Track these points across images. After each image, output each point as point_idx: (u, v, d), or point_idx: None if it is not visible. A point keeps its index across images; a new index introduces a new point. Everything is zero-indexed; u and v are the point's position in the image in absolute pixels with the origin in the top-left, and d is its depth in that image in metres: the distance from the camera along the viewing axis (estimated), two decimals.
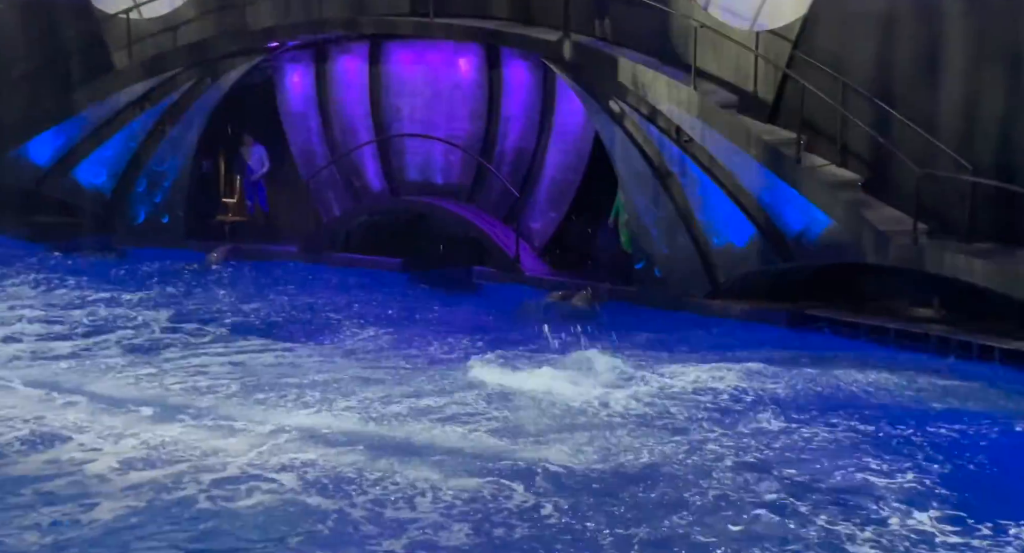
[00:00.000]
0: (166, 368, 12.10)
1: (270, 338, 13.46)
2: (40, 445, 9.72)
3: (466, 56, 17.16)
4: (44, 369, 11.98)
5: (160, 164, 18.69)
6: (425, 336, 13.77)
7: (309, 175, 18.34)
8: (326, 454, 9.62)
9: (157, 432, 10.04)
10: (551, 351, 13.04)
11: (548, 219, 16.99)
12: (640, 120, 15.19)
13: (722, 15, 15.06)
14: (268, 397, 11.15)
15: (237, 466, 9.28)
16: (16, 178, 19.19)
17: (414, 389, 11.58)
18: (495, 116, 17.17)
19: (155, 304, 14.93)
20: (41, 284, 16.04)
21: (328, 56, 17.98)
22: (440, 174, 17.70)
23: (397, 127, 17.79)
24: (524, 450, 9.86)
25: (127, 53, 18.79)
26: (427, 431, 10.34)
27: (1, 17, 19.28)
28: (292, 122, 18.50)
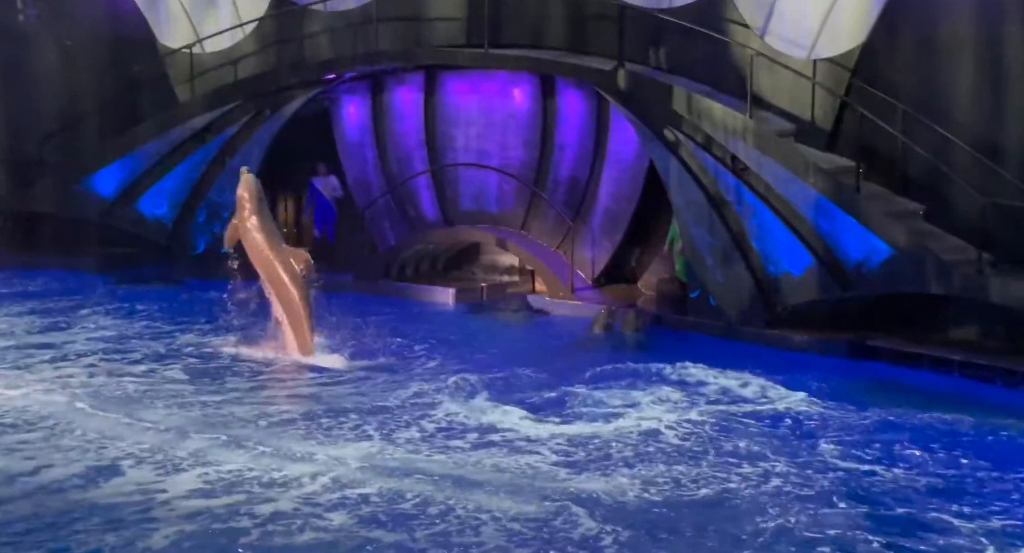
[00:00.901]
0: (231, 397, 11.78)
1: (341, 368, 13.07)
2: (105, 470, 9.47)
3: (520, 86, 16.76)
4: (113, 396, 11.66)
5: (220, 195, 18.41)
6: (483, 365, 13.32)
7: (365, 204, 18.02)
8: (385, 484, 9.25)
9: (219, 460, 9.74)
10: (607, 380, 12.62)
11: (602, 248, 16.49)
12: (695, 148, 14.68)
13: (779, 43, 14.52)
14: (329, 426, 10.82)
15: (296, 497, 8.94)
16: (82, 210, 19.04)
17: (474, 418, 11.18)
18: (549, 145, 16.74)
19: (215, 333, 14.60)
20: (109, 313, 15.71)
21: (384, 87, 17.67)
22: (494, 203, 17.29)
23: (451, 156, 17.42)
24: (587, 480, 9.46)
25: (189, 87, 18.64)
26: (489, 460, 9.94)
27: (71, 52, 19.21)
28: (348, 152, 18.21)
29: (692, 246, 14.94)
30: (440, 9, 16.95)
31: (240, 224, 13.43)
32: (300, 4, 17.83)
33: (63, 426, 10.60)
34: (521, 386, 12.51)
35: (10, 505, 8.71)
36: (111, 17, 18.98)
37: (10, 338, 14.08)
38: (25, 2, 19.14)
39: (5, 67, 19.14)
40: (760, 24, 14.68)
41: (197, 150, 18.26)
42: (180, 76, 18.72)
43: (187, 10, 18.67)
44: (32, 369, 12.65)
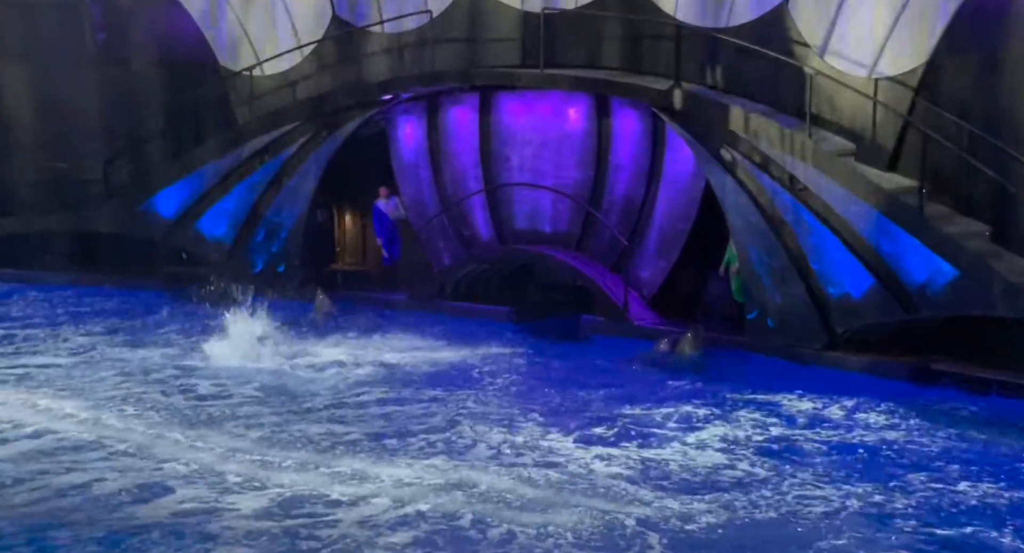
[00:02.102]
0: (297, 415, 11.25)
1: (391, 386, 12.54)
2: (181, 487, 9.06)
3: (576, 105, 16.12)
4: (187, 414, 11.21)
5: (277, 214, 18.03)
6: (540, 385, 12.76)
7: (420, 224, 17.52)
8: (443, 505, 8.78)
9: (290, 480, 9.28)
10: (667, 401, 12.01)
11: (657, 268, 15.77)
12: (752, 168, 13.98)
13: (839, 62, 13.77)
14: (396, 445, 10.33)
15: (362, 515, 8.55)
16: (145, 230, 18.74)
17: (533, 439, 10.62)
18: (604, 165, 16.08)
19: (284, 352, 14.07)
20: (174, 332, 15.26)
21: (439, 107, 17.13)
22: (548, 223, 16.66)
23: (506, 176, 16.80)
24: (650, 502, 8.95)
25: (249, 108, 18.33)
26: (549, 481, 9.40)
27: (138, 76, 18.96)
28: (404, 173, 17.70)
29: (749, 266, 14.21)
30: (496, 30, 16.40)
31: None
32: (358, 26, 17.43)
33: (127, 442, 10.17)
34: (579, 407, 11.98)
35: (66, 519, 8.30)
36: (175, 42, 18.66)
37: (77, 355, 13.69)
38: (94, 28, 18.93)
39: (74, 91, 18.91)
40: (820, 42, 13.95)
41: (256, 171, 17.86)
42: (240, 98, 18.37)
43: (248, 34, 18.33)
44: (99, 385, 12.23)
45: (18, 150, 18.84)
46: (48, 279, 18.42)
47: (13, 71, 18.51)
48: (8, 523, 8.21)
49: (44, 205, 19.09)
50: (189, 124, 18.74)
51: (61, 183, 19.02)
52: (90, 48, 18.78)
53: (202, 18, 18.51)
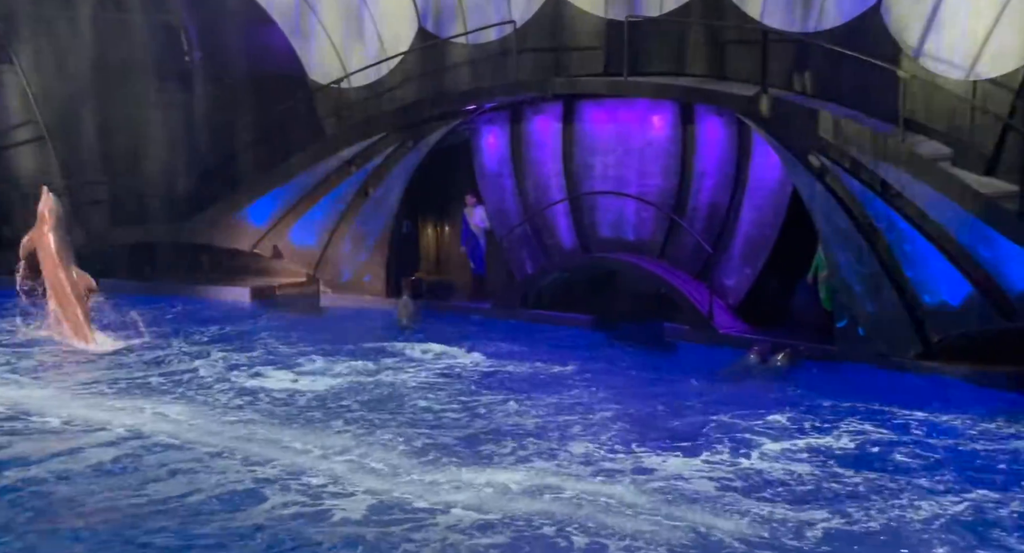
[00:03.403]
0: (393, 421, 10.71)
1: (477, 393, 11.95)
2: (273, 492, 8.59)
3: (659, 113, 15.35)
4: (280, 417, 10.73)
5: (364, 225, 17.59)
6: (624, 394, 12.03)
7: (503, 233, 16.93)
8: (529, 512, 8.24)
9: (381, 484, 8.76)
10: (757, 410, 11.19)
11: (743, 275, 14.93)
12: (842, 174, 13.08)
13: (935, 65, 12.81)
14: (486, 451, 9.72)
15: (453, 520, 8.07)
16: (238, 241, 18.50)
17: (618, 448, 9.91)
18: (688, 172, 15.27)
19: (366, 359, 13.60)
20: (264, 340, 14.78)
21: (522, 116, 16.47)
22: (632, 230, 15.92)
23: (589, 185, 16.10)
24: (741, 514, 8.24)
25: (336, 120, 17.97)
26: (636, 490, 8.78)
27: (230, 90, 18.76)
28: (487, 182, 17.12)
29: (839, 274, 13.30)
30: (579, 38, 15.71)
31: (37, 238, 14.07)
32: (443, 37, 16.94)
33: (222, 446, 9.74)
34: (668, 415, 11.24)
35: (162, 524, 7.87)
36: (266, 56, 18.36)
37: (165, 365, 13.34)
38: (190, 45, 18.77)
39: (170, 106, 18.74)
40: (914, 45, 13.01)
41: (343, 181, 17.43)
42: (328, 110, 18.02)
43: (336, 47, 17.99)
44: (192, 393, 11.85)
45: (120, 165, 18.73)
46: (156, 289, 18.18)
47: (115, 90, 18.41)
48: (108, 526, 7.81)
49: (143, 217, 18.95)
50: (280, 137, 18.43)
51: (159, 196, 18.85)
52: (186, 66, 18.60)
53: (292, 33, 18.20)
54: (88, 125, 18.45)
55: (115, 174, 18.63)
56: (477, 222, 17.28)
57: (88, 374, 12.45)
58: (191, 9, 18.23)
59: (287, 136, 18.26)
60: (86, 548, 7.46)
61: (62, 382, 12.06)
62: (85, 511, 8.11)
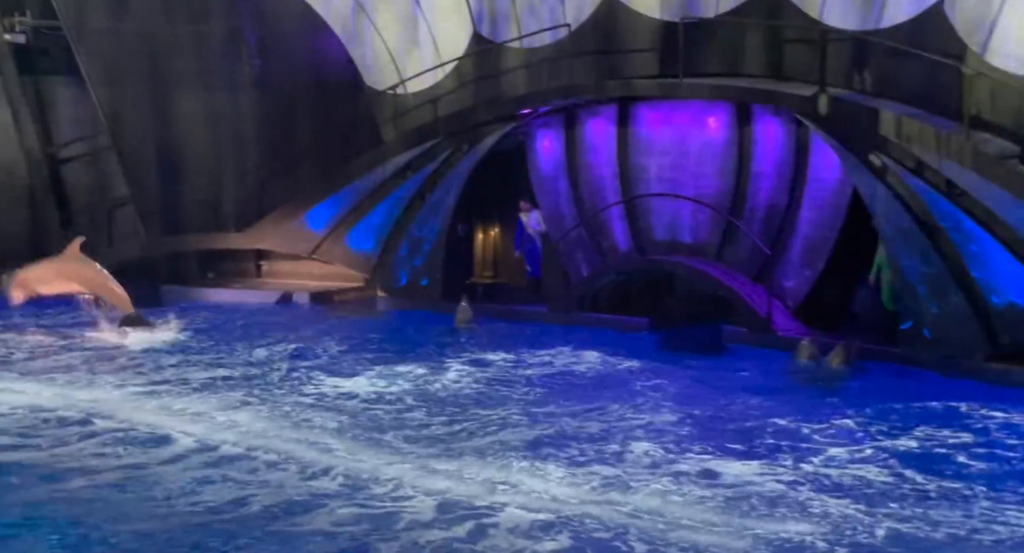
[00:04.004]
0: (454, 424, 10.41)
1: (536, 397, 11.65)
2: (337, 495, 8.32)
3: (715, 114, 14.91)
4: (343, 421, 10.47)
5: (420, 229, 17.40)
6: (681, 397, 11.64)
7: (558, 237, 16.62)
8: (587, 517, 7.85)
9: (444, 487, 8.48)
10: (813, 414, 10.68)
11: (802, 277, 14.42)
12: (905, 174, 12.56)
13: (1001, 61, 12.25)
14: (547, 454, 9.36)
15: (514, 523, 7.72)
16: (295, 247, 18.42)
17: (674, 452, 9.48)
18: (745, 173, 14.80)
19: (424, 362, 13.35)
20: (325, 343, 14.67)
21: (577, 120, 16.11)
22: (688, 233, 15.50)
23: (644, 187, 15.67)
24: (803, 521, 7.78)
25: (393, 126, 17.80)
26: (695, 495, 8.35)
27: (291, 97, 18.66)
28: (542, 185, 16.79)
29: (902, 275, 12.78)
30: (633, 40, 15.33)
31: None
32: (498, 42, 16.69)
33: (283, 451, 9.53)
34: (728, 418, 10.81)
35: (223, 530, 7.68)
36: (323, 64, 18.22)
37: (225, 369, 13.21)
38: (250, 53, 18.75)
39: (230, 114, 18.72)
40: (980, 41, 12.47)
41: (399, 186, 17.23)
42: (385, 116, 17.85)
43: (392, 53, 17.82)
44: (253, 397, 11.69)
45: (184, 172, 18.75)
46: (218, 295, 18.13)
47: (177, 99, 18.44)
48: (171, 530, 7.64)
49: (207, 224, 18.94)
50: (338, 143, 18.31)
51: (221, 203, 18.83)
52: (247, 74, 18.59)
53: (349, 40, 18.07)
54: (151, 134, 18.48)
55: (177, 182, 18.63)
56: (532, 226, 17.00)
57: (153, 379, 12.35)
58: (251, 18, 18.17)
59: (345, 142, 18.12)
60: (150, 551, 7.28)
61: (127, 386, 11.97)
62: (148, 515, 7.94)
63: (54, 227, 19.01)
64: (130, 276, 16.14)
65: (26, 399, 11.07)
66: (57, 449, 9.43)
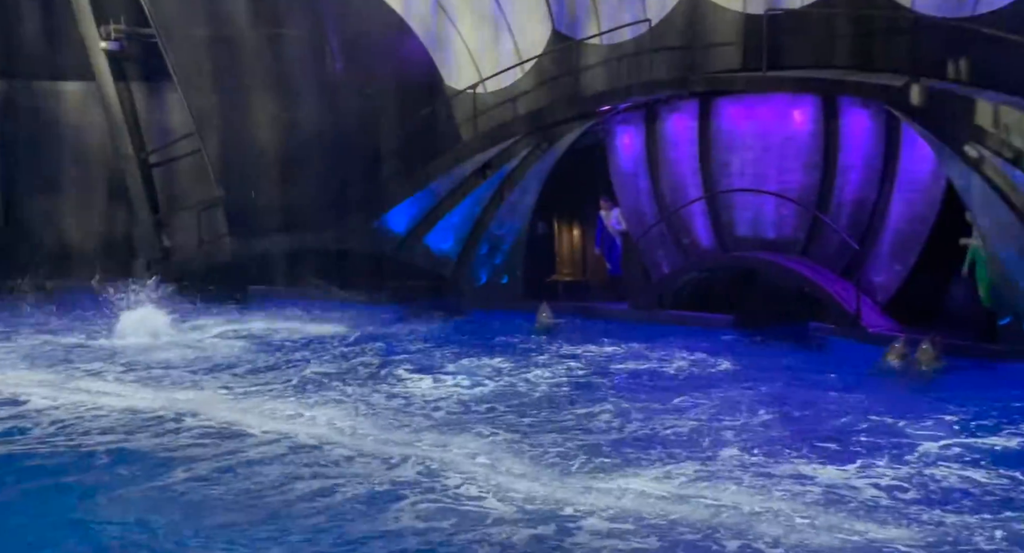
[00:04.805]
0: (538, 424, 10.00)
1: (619, 396, 11.20)
2: (415, 493, 7.96)
3: (800, 107, 14.25)
4: (424, 426, 10.19)
5: (500, 228, 17.07)
6: (765, 396, 11.05)
7: (639, 234, 16.12)
8: (691, 515, 7.41)
9: (530, 489, 8.04)
10: (904, 415, 9.98)
11: (893, 272, 13.69)
12: (1003, 165, 11.76)
13: None
14: (634, 454, 8.90)
15: (600, 524, 7.30)
16: (377, 246, 18.24)
17: (757, 452, 8.89)
18: (831, 167, 14.12)
19: (507, 361, 13.00)
20: (407, 343, 14.39)
21: (657, 116, 15.58)
22: (772, 228, 14.87)
23: (726, 183, 15.08)
24: (892, 526, 7.18)
25: (472, 125, 17.51)
26: (776, 495, 7.78)
27: (372, 100, 18.53)
28: (622, 182, 16.32)
29: (1001, 269, 11.98)
30: (715, 34, 14.77)
31: None
32: (577, 39, 16.27)
33: (367, 449, 9.27)
34: (818, 418, 10.19)
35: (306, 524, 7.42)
36: (405, 64, 18.03)
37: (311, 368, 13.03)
38: (333, 57, 18.68)
39: (315, 115, 18.67)
40: None
41: (479, 186, 16.93)
42: (464, 116, 17.57)
43: (471, 53, 17.55)
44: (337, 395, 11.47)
45: (268, 174, 18.75)
46: (304, 294, 18.02)
47: (269, 101, 18.44)
48: (255, 525, 7.41)
49: (290, 225, 18.91)
50: (418, 143, 18.09)
51: (303, 204, 18.78)
52: (329, 76, 18.50)
53: (430, 41, 17.84)
54: (240, 137, 18.49)
55: (263, 184, 18.62)
56: (613, 224, 16.54)
57: (245, 377, 12.23)
58: (333, 21, 18.07)
59: (426, 142, 17.90)
60: (236, 546, 7.05)
61: (220, 384, 11.86)
62: (239, 508, 7.73)
63: (148, 230, 19.17)
64: (220, 276, 16.15)
65: (124, 401, 11.01)
66: (154, 446, 9.31)
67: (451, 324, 15.80)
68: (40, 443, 9.42)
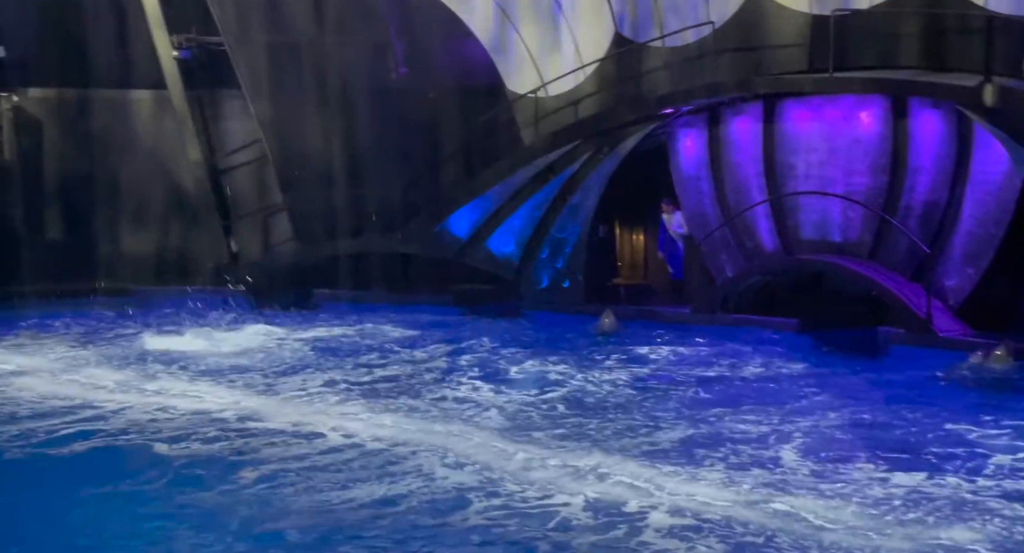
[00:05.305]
0: (604, 426, 9.82)
1: (684, 399, 10.98)
2: (478, 496, 7.84)
3: (868, 108, 13.87)
4: (489, 428, 10.10)
5: (561, 231, 16.91)
6: (835, 402, 10.74)
7: (701, 237, 15.85)
8: (757, 519, 7.17)
9: (595, 491, 7.88)
10: (979, 421, 9.62)
11: (965, 276, 13.25)
12: None
13: None
14: (701, 456, 8.70)
15: (666, 526, 7.16)
16: (440, 250, 18.20)
17: (824, 457, 8.61)
18: (900, 169, 13.72)
19: (570, 364, 12.85)
20: (471, 346, 14.35)
21: (721, 118, 15.31)
22: (838, 231, 14.51)
23: (791, 185, 14.74)
24: (963, 531, 6.91)
25: (534, 129, 17.41)
26: (849, 502, 7.49)
27: (434, 104, 18.48)
28: (684, 186, 16.06)
29: None
30: (781, 36, 14.45)
31: None
32: (639, 42, 16.08)
33: (433, 452, 9.18)
34: (888, 425, 9.84)
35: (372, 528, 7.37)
36: (467, 69, 17.97)
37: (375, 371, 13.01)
38: (396, 61, 18.73)
39: (378, 121, 18.72)
40: None
41: (540, 189, 16.77)
42: (525, 120, 17.46)
43: (533, 57, 17.45)
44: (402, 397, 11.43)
45: (335, 179, 18.87)
46: (368, 298, 18.11)
47: (330, 107, 18.55)
48: (320, 527, 7.37)
49: (357, 229, 18.99)
50: (480, 147, 18.05)
51: (366, 208, 18.85)
52: (393, 81, 18.54)
53: (492, 45, 17.78)
54: (305, 143, 18.62)
55: (327, 189, 18.73)
56: (675, 227, 16.30)
57: (313, 379, 12.25)
58: (397, 27, 18.12)
59: (488, 146, 17.84)
60: (302, 548, 7.02)
61: (289, 387, 11.88)
62: (308, 510, 7.70)
63: (218, 235, 19.40)
64: (285, 281, 16.25)
65: (198, 403, 11.10)
66: (224, 448, 9.35)
67: (514, 328, 15.69)
68: (114, 442, 9.52)
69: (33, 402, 10.99)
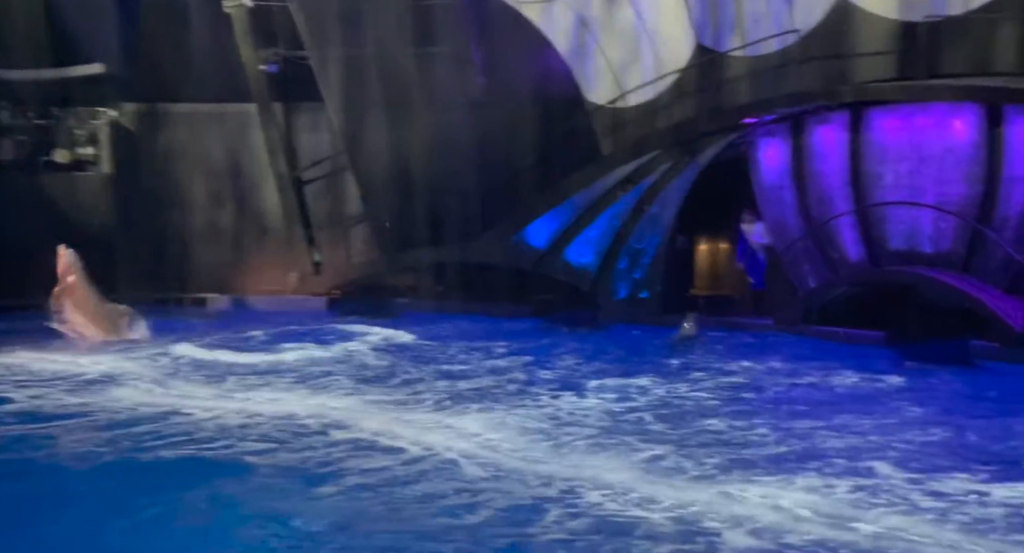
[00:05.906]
0: (690, 437, 9.60)
1: (769, 411, 10.63)
2: (554, 504, 7.61)
3: (961, 116, 13.35)
4: (572, 439, 9.92)
5: (640, 241, 16.65)
6: (921, 418, 10.24)
7: (783, 247, 15.43)
8: (844, 536, 6.81)
9: (682, 502, 7.62)
10: None
11: None
12: None
13: None
14: (792, 468, 8.33)
15: (747, 541, 6.85)
16: (518, 260, 18.08)
17: (910, 476, 8.18)
18: (996, 178, 13.14)
19: (653, 375, 12.58)
20: (551, 356, 14.13)
21: (804, 128, 14.89)
22: (928, 242, 13.97)
23: (879, 195, 14.26)
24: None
25: (612, 139, 17.20)
26: (936, 522, 7.09)
27: (513, 115, 18.40)
28: (766, 195, 15.66)
29: None
30: (868, 43, 14.00)
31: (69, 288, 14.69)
32: (721, 51, 15.76)
33: (513, 464, 9.01)
34: (985, 441, 9.33)
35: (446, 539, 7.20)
36: (546, 80, 17.81)
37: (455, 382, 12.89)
38: (475, 73, 18.69)
39: (456, 133, 18.72)
40: None
41: (619, 199, 16.57)
42: (604, 130, 17.26)
43: (613, 67, 17.24)
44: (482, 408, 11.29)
45: (413, 190, 18.89)
46: (446, 307, 18.05)
47: (412, 119, 18.59)
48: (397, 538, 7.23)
49: (435, 239, 18.96)
50: (558, 157, 17.86)
51: (447, 219, 18.82)
52: (473, 92, 18.50)
53: (571, 56, 17.62)
54: (385, 154, 18.69)
55: (407, 200, 18.75)
56: (756, 238, 15.91)
57: (396, 388, 12.18)
58: (478, 38, 18.08)
59: (566, 156, 17.67)
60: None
61: (373, 395, 11.82)
62: (387, 519, 7.57)
63: (301, 245, 19.57)
64: (366, 289, 16.26)
65: (283, 407, 11.10)
66: (308, 454, 9.28)
67: (594, 338, 15.44)
68: (202, 448, 9.53)
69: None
